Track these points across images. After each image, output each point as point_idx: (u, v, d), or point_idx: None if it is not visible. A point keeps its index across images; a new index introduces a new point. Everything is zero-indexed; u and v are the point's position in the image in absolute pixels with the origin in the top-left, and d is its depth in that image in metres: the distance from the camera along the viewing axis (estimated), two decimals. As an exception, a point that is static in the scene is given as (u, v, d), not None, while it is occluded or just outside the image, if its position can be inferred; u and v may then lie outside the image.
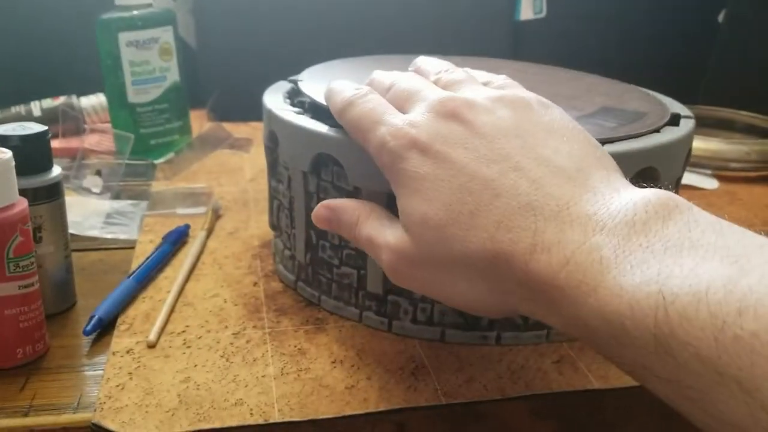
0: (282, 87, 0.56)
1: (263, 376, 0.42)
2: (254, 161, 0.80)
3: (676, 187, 0.52)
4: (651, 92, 0.58)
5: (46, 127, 0.46)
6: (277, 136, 0.50)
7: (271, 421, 0.39)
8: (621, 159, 0.43)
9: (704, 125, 0.93)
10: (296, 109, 0.50)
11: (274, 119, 0.50)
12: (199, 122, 0.89)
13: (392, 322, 0.47)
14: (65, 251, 0.48)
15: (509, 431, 0.43)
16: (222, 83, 0.94)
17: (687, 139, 0.49)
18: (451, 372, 0.43)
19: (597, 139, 0.44)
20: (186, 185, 0.71)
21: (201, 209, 0.65)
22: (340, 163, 0.45)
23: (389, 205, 0.44)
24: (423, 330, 0.47)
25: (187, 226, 0.60)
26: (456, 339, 0.46)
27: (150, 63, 0.77)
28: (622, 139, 0.45)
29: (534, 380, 0.43)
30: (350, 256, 0.47)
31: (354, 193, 0.46)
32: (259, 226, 0.63)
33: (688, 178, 0.79)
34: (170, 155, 0.79)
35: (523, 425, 0.43)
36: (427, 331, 0.47)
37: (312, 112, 0.49)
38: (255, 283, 0.53)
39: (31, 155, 0.45)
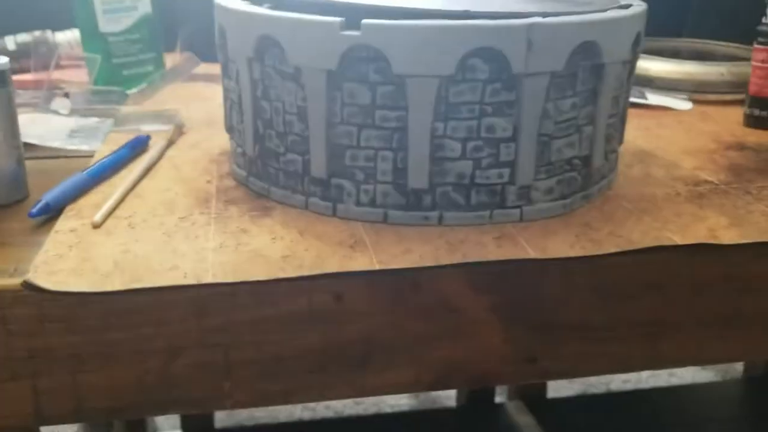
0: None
1: (202, 249, 0.43)
2: (226, 90, 0.80)
3: (628, 76, 0.52)
4: None
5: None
6: (224, 29, 0.50)
7: (204, 281, 0.39)
8: (561, 31, 0.44)
9: (683, 57, 0.93)
10: (246, 1, 0.50)
11: (221, 12, 0.50)
12: (174, 60, 0.89)
13: (336, 206, 0.47)
14: (14, 141, 0.48)
15: (448, 304, 0.43)
16: (198, 21, 0.95)
17: (633, 20, 0.48)
18: (390, 246, 0.44)
19: (537, 14, 0.44)
20: (154, 108, 0.72)
21: (164, 127, 0.66)
22: (280, 43, 0.45)
23: (328, 82, 0.44)
24: (366, 212, 0.47)
25: (148, 137, 0.61)
26: (398, 220, 0.46)
27: (121, -8, 0.78)
28: (563, 14, 0.45)
29: (471, 252, 0.43)
30: (295, 142, 0.48)
31: (295, 75, 0.46)
32: (220, 140, 0.63)
33: (662, 99, 0.79)
34: (143, 86, 0.79)
35: (462, 298, 0.43)
36: (370, 213, 0.47)
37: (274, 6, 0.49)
38: (208, 181, 0.53)
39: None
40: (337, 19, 0.43)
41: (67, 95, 0.70)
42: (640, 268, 0.44)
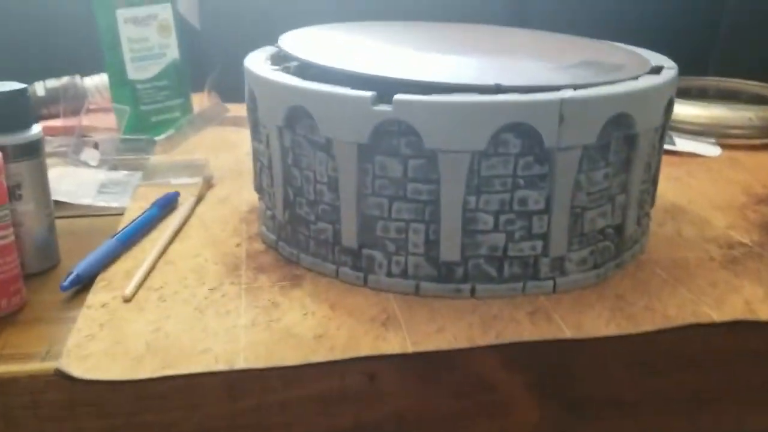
0: (266, 51, 0.57)
1: (233, 327, 0.42)
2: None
3: (660, 139, 0.51)
4: (646, 51, 0.57)
5: (24, 85, 0.47)
6: (255, 95, 0.50)
7: (236, 367, 0.39)
8: (594, 104, 0.43)
9: (710, 96, 0.92)
10: (276, 67, 0.50)
11: (251, 77, 0.50)
12: (202, 103, 0.90)
13: (368, 276, 0.47)
14: (46, 210, 0.48)
15: (483, 382, 0.42)
16: (224, 63, 0.95)
17: (665, 87, 0.48)
18: (422, 323, 0.43)
19: (571, 86, 0.43)
20: (182, 158, 0.72)
21: (195, 179, 0.66)
22: (312, 115, 0.45)
23: (360, 155, 0.44)
24: (397, 283, 0.46)
25: (177, 193, 0.61)
26: (430, 292, 0.46)
27: (149, 39, 0.78)
28: (594, 85, 0.44)
29: (505, 330, 0.42)
30: (325, 211, 0.47)
31: (326, 146, 0.46)
32: (251, 193, 0.63)
33: (690, 145, 0.78)
34: (170, 132, 0.80)
35: (495, 377, 0.42)
36: (401, 284, 0.46)
37: (299, 73, 0.49)
38: (238, 244, 0.53)
39: (9, 112, 0.46)
40: (369, 93, 0.43)
41: (96, 146, 0.71)
42: (676, 343, 0.44)
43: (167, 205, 0.59)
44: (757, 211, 0.61)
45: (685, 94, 0.90)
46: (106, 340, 0.41)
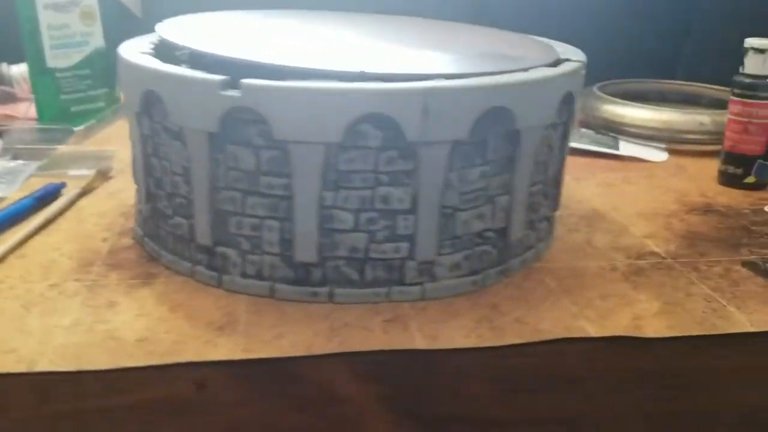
0: (150, 37, 0.53)
1: (53, 326, 0.39)
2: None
3: (561, 138, 0.47)
4: (571, 47, 0.52)
5: None
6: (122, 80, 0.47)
7: (36, 369, 0.35)
8: (464, 96, 0.39)
9: (670, 100, 0.87)
10: (146, 51, 0.47)
11: (119, 62, 0.47)
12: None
13: (222, 277, 0.43)
14: None
15: (329, 395, 0.38)
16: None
17: (559, 81, 0.44)
18: (264, 328, 0.39)
19: (439, 76, 0.40)
20: (89, 149, 0.69)
21: (90, 172, 0.63)
22: (162, 99, 0.42)
23: (210, 144, 0.40)
24: (252, 285, 0.43)
25: (63, 184, 0.57)
26: (286, 295, 0.42)
27: (70, 27, 0.75)
28: (465, 76, 0.40)
29: (351, 338, 0.38)
30: (181, 205, 0.44)
31: (179, 134, 0.42)
32: (145, 187, 0.60)
33: (634, 150, 0.73)
34: (92, 122, 0.76)
35: (344, 389, 0.38)
36: (255, 286, 0.43)
37: (191, 63, 0.46)
38: (105, 239, 0.50)
39: None
40: (218, 77, 0.39)
41: (0, 134, 0.68)
42: (547, 359, 0.39)
43: (47, 196, 0.55)
44: (684, 220, 0.57)
45: (642, 97, 0.85)
46: None
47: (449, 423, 0.40)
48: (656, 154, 0.73)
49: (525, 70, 0.43)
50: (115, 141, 0.72)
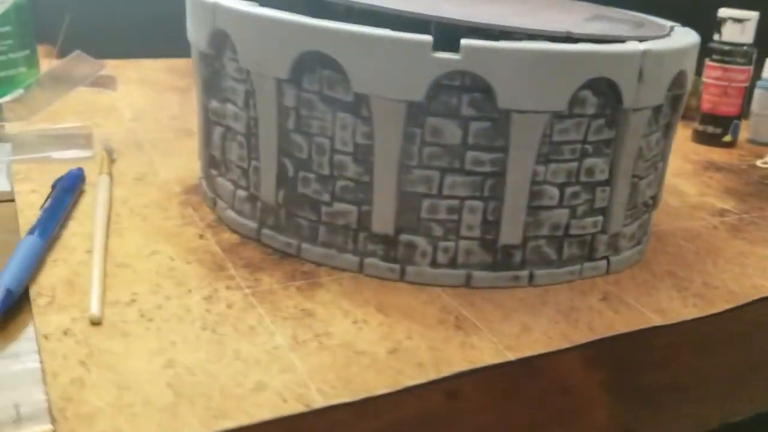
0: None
1: (274, 348, 0.31)
2: (128, 100, 0.65)
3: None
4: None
5: None
6: (228, 37, 0.38)
7: (315, 406, 0.28)
8: (669, 59, 0.38)
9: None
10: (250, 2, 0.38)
11: (224, 13, 0.38)
12: (45, 57, 0.71)
13: (405, 268, 0.38)
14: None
15: (563, 387, 0.35)
16: (83, 10, 0.77)
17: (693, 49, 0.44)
18: (497, 321, 0.35)
19: (632, 38, 0.37)
20: (54, 126, 0.56)
21: (83, 152, 0.51)
22: (340, 64, 0.34)
23: (408, 116, 0.35)
24: (444, 275, 0.38)
25: (81, 170, 0.46)
26: (484, 283, 0.38)
27: (-18, -29, 0.59)
28: (652, 38, 0.39)
29: (594, 322, 0.36)
30: (347, 189, 0.37)
31: (354, 105, 0.35)
32: (170, 170, 0.50)
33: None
34: (19, 92, 0.61)
35: (575, 378, 0.36)
36: (449, 275, 0.38)
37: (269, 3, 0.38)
38: (200, 236, 0.41)
39: None
40: (427, 37, 0.34)
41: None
42: (731, 320, 0.40)
43: (74, 187, 0.44)
44: (713, 178, 0.60)
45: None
46: (104, 386, 0.27)
47: (651, 395, 0.39)
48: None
49: (669, 35, 0.43)
50: (70, 116, 0.59)
